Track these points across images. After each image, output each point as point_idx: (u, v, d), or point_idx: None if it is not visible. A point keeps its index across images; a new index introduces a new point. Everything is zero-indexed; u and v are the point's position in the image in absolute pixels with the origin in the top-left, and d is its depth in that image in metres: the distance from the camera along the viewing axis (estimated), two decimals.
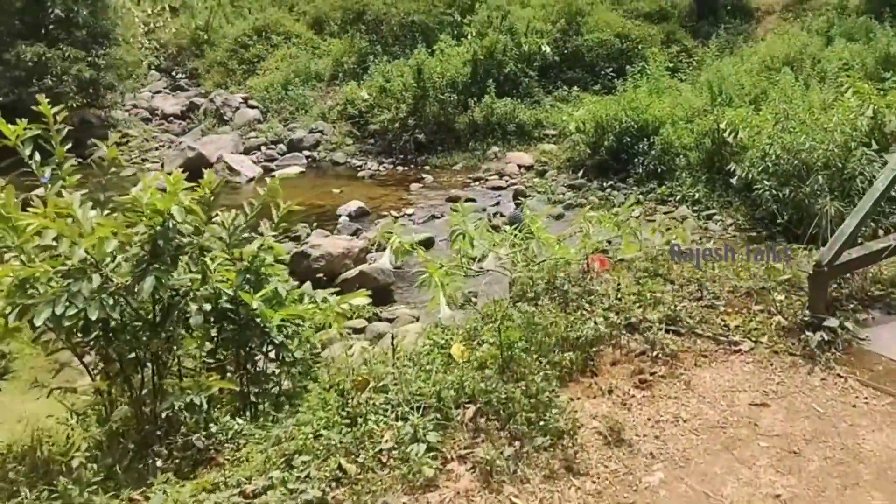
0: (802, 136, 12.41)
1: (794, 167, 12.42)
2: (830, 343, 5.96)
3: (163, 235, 5.25)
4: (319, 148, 22.02)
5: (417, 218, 16.26)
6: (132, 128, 23.77)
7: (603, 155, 17.71)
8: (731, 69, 18.61)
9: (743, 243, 14.02)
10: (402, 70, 21.99)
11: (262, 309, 5.60)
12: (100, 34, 22.98)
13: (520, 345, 5.56)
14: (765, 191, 12.85)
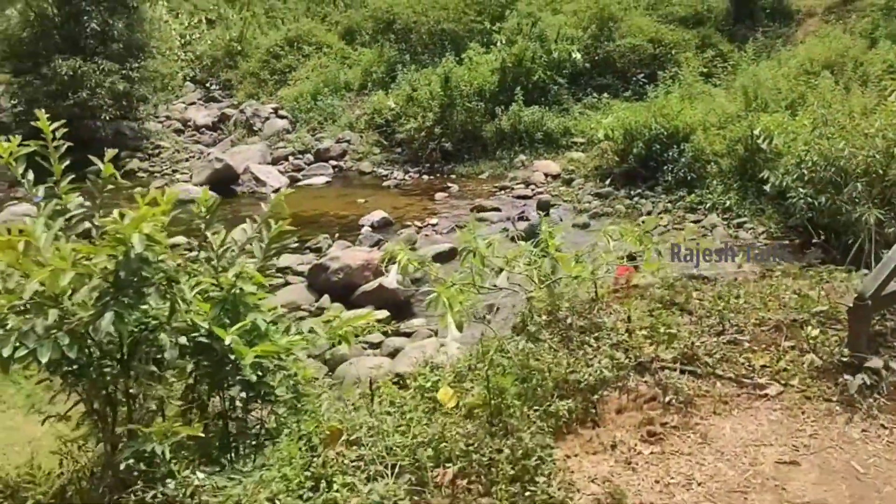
0: (841, 142, 11.81)
1: (831, 174, 11.88)
2: (873, 387, 5.12)
3: (124, 266, 4.75)
4: (346, 158, 21.81)
5: (441, 228, 15.92)
6: (164, 139, 23.84)
7: (631, 163, 17.22)
8: (767, 73, 17.96)
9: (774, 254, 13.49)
10: (429, 79, 21.65)
11: (236, 344, 5.00)
12: (135, 47, 23.28)
13: (512, 391, 5.00)
14: (799, 199, 12.29)
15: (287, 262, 13.83)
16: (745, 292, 6.58)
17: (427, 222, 16.23)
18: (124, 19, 22.60)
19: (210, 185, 18.82)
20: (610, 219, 15.90)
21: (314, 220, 16.90)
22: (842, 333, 5.60)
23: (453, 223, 16.01)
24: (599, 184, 17.61)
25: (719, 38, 25.56)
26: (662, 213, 15.80)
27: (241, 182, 19.50)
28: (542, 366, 5.33)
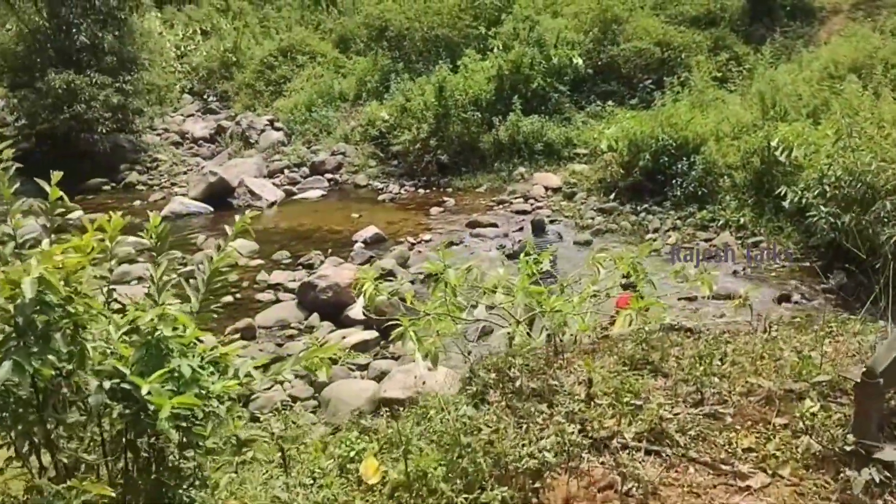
0: (869, 155, 10.69)
1: (857, 190, 10.75)
2: (884, 486, 3.85)
3: (20, 312, 3.96)
4: (342, 170, 20.86)
5: (435, 244, 14.89)
6: (162, 152, 23.19)
7: (637, 176, 16.11)
8: (786, 78, 16.78)
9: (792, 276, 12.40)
10: (423, 88, 20.61)
11: (154, 394, 4.12)
12: (127, 59, 22.65)
13: (438, 473, 4.02)
14: (821, 218, 11.21)
15: (278, 279, 13.29)
16: (734, 349, 5.41)
17: (420, 238, 15.25)
18: (114, 32, 22.03)
19: (206, 198, 18.22)
20: (614, 236, 14.88)
21: (308, 235, 16.09)
22: (848, 411, 4.37)
23: (447, 240, 14.99)
24: (603, 198, 16.54)
25: (734, 40, 24.40)
26: (671, 230, 14.70)
27: (237, 195, 18.72)
28: (479, 440, 4.26)
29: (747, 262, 13.06)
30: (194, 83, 31.24)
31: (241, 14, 36.53)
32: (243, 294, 12.73)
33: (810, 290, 11.87)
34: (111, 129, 21.44)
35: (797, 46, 21.90)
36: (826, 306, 11.32)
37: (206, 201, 18.20)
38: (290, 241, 15.60)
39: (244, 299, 12.51)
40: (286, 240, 15.67)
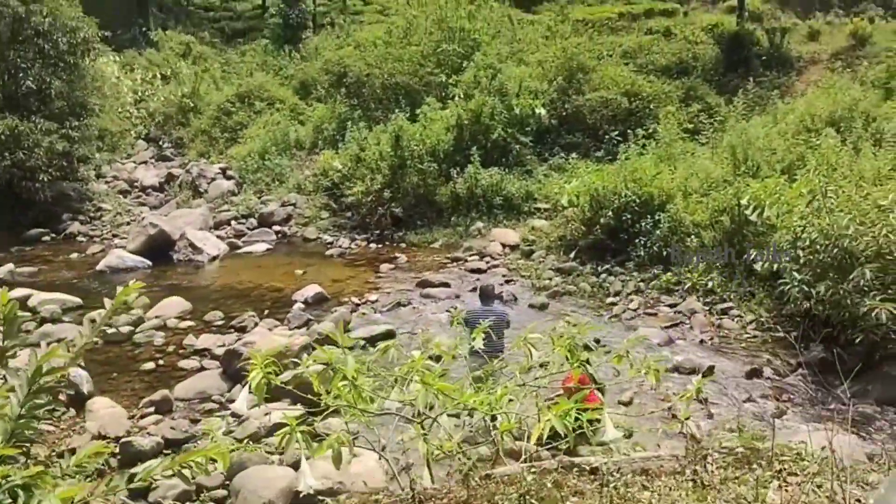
0: (846, 218, 9.65)
1: (833, 256, 9.70)
2: None
3: None
4: (291, 222, 19.76)
5: (381, 305, 13.75)
6: (106, 201, 22.01)
7: (598, 234, 15.06)
8: (759, 131, 15.88)
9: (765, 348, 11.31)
10: (378, 137, 19.57)
11: None
12: (77, 105, 21.63)
13: None
14: (792, 286, 10.16)
15: (206, 344, 12.00)
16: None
17: (366, 298, 14.05)
18: (63, 77, 21.01)
19: (145, 251, 17.17)
20: (572, 298, 13.76)
21: (247, 293, 14.88)
22: None
23: (395, 300, 13.87)
24: (563, 257, 15.46)
25: (707, 90, 23.72)
26: (633, 293, 13.59)
27: (178, 249, 17.53)
28: None
29: (715, 330, 11.97)
30: (150, 129, 30.06)
31: (202, 59, 35.66)
32: (167, 360, 11.48)
33: (784, 364, 10.77)
34: (55, 176, 20.39)
35: (772, 97, 21.02)
36: (800, 383, 10.26)
37: (146, 254, 17.02)
38: (227, 299, 14.39)
39: (167, 366, 11.26)
40: (223, 298, 14.46)
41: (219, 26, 43.33)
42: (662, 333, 11.83)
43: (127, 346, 11.99)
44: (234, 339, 11.90)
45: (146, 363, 11.27)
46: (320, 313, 13.22)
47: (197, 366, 11.19)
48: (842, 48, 23.95)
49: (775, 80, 23.33)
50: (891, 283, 9.25)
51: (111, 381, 10.63)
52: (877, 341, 9.46)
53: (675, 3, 42.11)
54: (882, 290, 9.23)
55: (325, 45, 31.06)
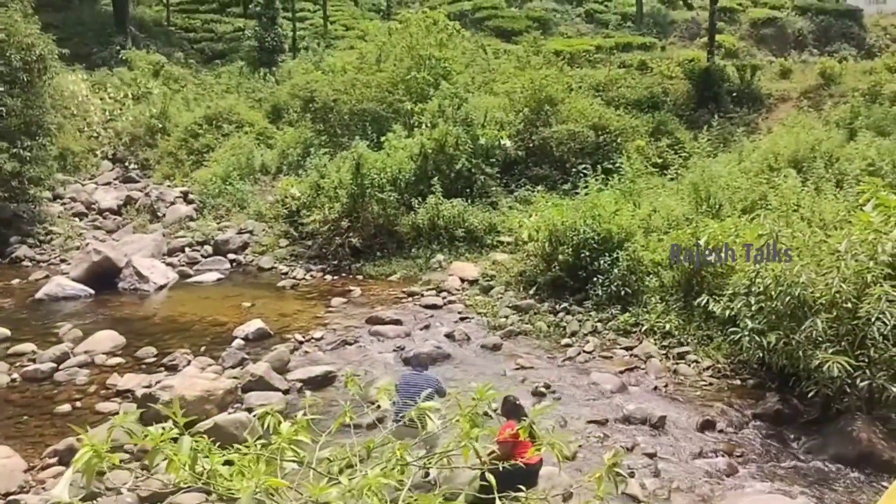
0: (798, 264, 9.21)
1: (786, 304, 9.25)
2: None
3: None
4: (247, 250, 19.24)
5: (326, 343, 13.18)
6: (57, 224, 21.20)
7: (556, 271, 14.58)
8: (721, 169, 15.53)
9: (721, 396, 10.85)
10: (339, 165, 19.06)
11: None
12: (32, 124, 20.91)
13: None
14: (743, 335, 9.73)
15: (131, 384, 11.26)
16: None
17: (310, 336, 13.47)
18: (17, 94, 20.36)
19: (89, 279, 16.50)
20: (528, 339, 13.29)
21: (187, 326, 14.26)
22: None
23: (341, 338, 13.32)
24: (522, 293, 14.98)
25: (677, 125, 23.48)
26: (590, 334, 13.13)
27: (123, 277, 16.83)
28: None
29: (671, 376, 11.51)
30: (118, 149, 29.42)
31: (175, 79, 35.16)
32: (86, 402, 10.80)
33: (739, 415, 10.29)
34: (2, 198, 19.77)
35: (738, 134, 20.71)
36: (755, 437, 9.80)
37: (89, 282, 16.37)
38: (166, 333, 13.77)
39: (84, 409, 10.57)
40: (162, 332, 13.84)
41: (199, 47, 42.97)
42: (616, 379, 11.35)
43: (46, 385, 11.38)
44: (163, 378, 11.29)
45: (62, 405, 10.63)
46: (260, 351, 12.65)
47: (116, 409, 10.53)
48: (811, 87, 23.85)
49: (745, 117, 23.14)
50: (845, 335, 8.81)
51: (20, 426, 10.02)
52: (830, 396, 9.00)
53: (653, 37, 42.17)
54: (835, 341, 8.80)
55: (298, 69, 30.69)
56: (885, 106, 18.88)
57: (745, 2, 45.61)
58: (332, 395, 11.19)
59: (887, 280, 8.74)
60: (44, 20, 38.88)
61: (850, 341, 8.81)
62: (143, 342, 13.04)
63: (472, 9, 48.91)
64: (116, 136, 29.71)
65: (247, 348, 12.82)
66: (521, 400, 10.71)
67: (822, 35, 40.37)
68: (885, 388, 8.51)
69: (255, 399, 10.39)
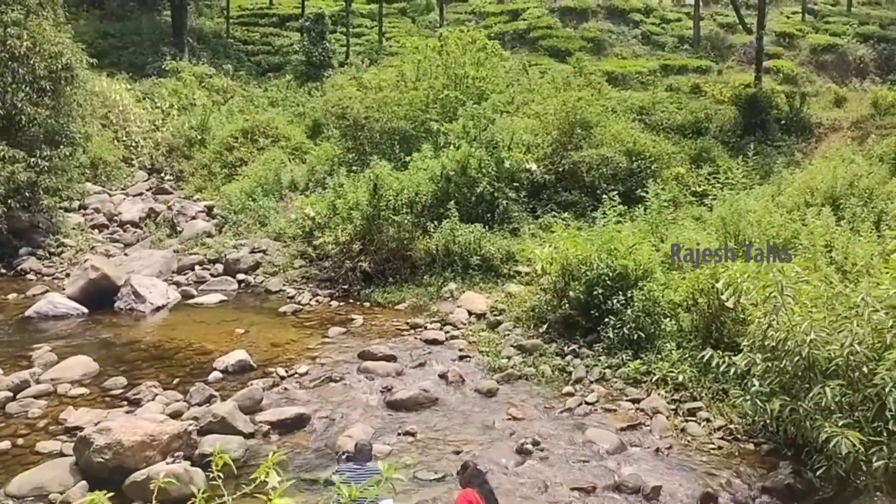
0: (807, 320, 8.00)
1: (795, 365, 8.05)
2: None
3: None
4: (258, 271, 18.49)
5: (309, 380, 12.26)
6: (71, 236, 20.73)
7: (567, 308, 13.51)
8: (753, 203, 14.27)
9: (730, 462, 9.66)
10: (356, 185, 18.23)
11: None
12: (54, 132, 20.56)
13: None
14: (745, 398, 8.57)
15: (81, 420, 10.41)
16: None
17: (294, 370, 12.57)
18: (40, 103, 19.95)
19: (85, 297, 15.91)
20: (528, 384, 12.20)
21: (170, 354, 13.51)
22: None
23: (326, 373, 12.43)
24: (531, 331, 13.91)
25: (719, 152, 22.25)
26: (596, 381, 11.99)
27: (121, 296, 16.17)
28: None
29: (677, 436, 10.33)
30: (156, 160, 29.10)
31: (222, 91, 34.90)
32: (29, 439, 9.98)
33: (746, 488, 9.11)
34: (14, 207, 19.22)
35: (777, 165, 19.35)
36: None
37: (84, 300, 15.80)
38: (145, 361, 13.03)
39: (24, 448, 9.77)
40: (141, 359, 13.10)
41: (256, 60, 42.85)
42: (614, 438, 10.23)
43: None
44: (123, 412, 10.53)
45: (2, 441, 9.86)
46: (237, 386, 11.79)
47: (57, 449, 9.72)
48: (863, 117, 22.45)
49: (793, 146, 21.78)
50: (860, 403, 7.61)
51: None
52: (842, 475, 7.78)
53: (710, 61, 40.91)
54: (849, 410, 7.61)
55: (333, 85, 30.15)
56: None
57: (805, 28, 44.13)
58: (301, 440, 10.30)
59: None
60: (102, 29, 39.72)
61: (865, 411, 7.61)
62: (117, 371, 12.34)
63: (527, 28, 48.21)
64: (155, 146, 29.41)
65: (224, 381, 12.02)
66: (505, 458, 9.85)
67: (885, 63, 38.85)
68: None
69: (210, 444, 9.52)
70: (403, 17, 53.01)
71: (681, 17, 50.69)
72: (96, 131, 25.74)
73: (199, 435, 9.99)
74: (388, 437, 10.37)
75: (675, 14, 51.80)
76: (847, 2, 52.10)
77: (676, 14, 51.85)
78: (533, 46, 45.81)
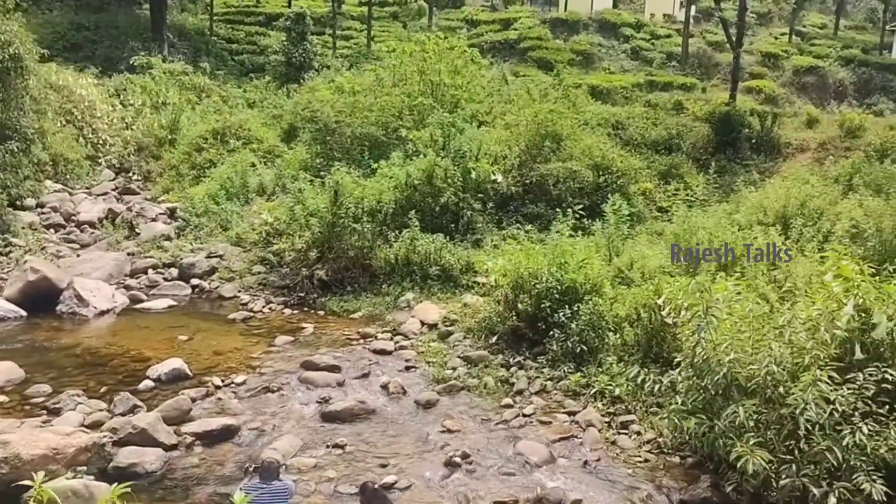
0: (725, 342, 7.84)
1: (715, 384, 7.89)
2: None
3: None
4: (214, 276, 18.13)
5: (245, 390, 12.00)
6: (20, 236, 19.89)
7: (515, 321, 13.33)
8: (704, 220, 14.17)
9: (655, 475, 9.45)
10: (317, 191, 17.99)
11: None
12: (4, 127, 19.91)
13: None
14: (663, 416, 8.40)
15: None
16: None
17: (231, 380, 12.29)
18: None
19: (24, 299, 15.42)
20: (470, 395, 12.01)
21: (105, 361, 13.13)
22: None
23: (264, 384, 12.16)
24: (481, 342, 13.74)
25: (688, 169, 22.15)
26: (537, 393, 11.84)
27: (63, 299, 15.80)
28: None
29: (606, 449, 10.15)
30: (125, 159, 28.64)
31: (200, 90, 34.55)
32: None
33: (666, 500, 8.94)
34: None
35: (737, 183, 19.30)
36: None
37: (24, 303, 15.37)
38: (77, 368, 12.65)
39: None
40: (73, 366, 12.72)
41: (240, 59, 42.56)
42: (544, 450, 10.08)
43: None
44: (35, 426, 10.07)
45: None
46: (169, 394, 11.51)
47: None
48: (829, 138, 22.52)
49: (761, 165, 21.72)
50: (773, 423, 7.44)
51: None
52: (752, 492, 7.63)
53: (695, 78, 40.97)
54: (763, 430, 7.45)
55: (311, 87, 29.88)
56: (888, 163, 17.35)
57: (791, 49, 44.32)
58: (226, 452, 10.04)
59: (831, 364, 7.41)
60: (77, 21, 39.19)
61: (779, 430, 7.44)
62: (45, 377, 11.98)
63: (518, 38, 48.22)
64: (124, 144, 28.92)
65: (156, 391, 11.75)
66: (431, 472, 9.63)
67: (863, 87, 39.29)
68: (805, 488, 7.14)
69: (125, 457, 9.25)
70: (395, 22, 53.01)
71: (671, 34, 50.79)
72: (59, 127, 25.27)
73: (117, 447, 9.70)
74: (317, 450, 10.16)
75: (665, 31, 51.91)
76: (834, 25, 52.37)
77: (667, 31, 51.95)
78: (523, 57, 45.89)
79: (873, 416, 7.43)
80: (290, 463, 9.64)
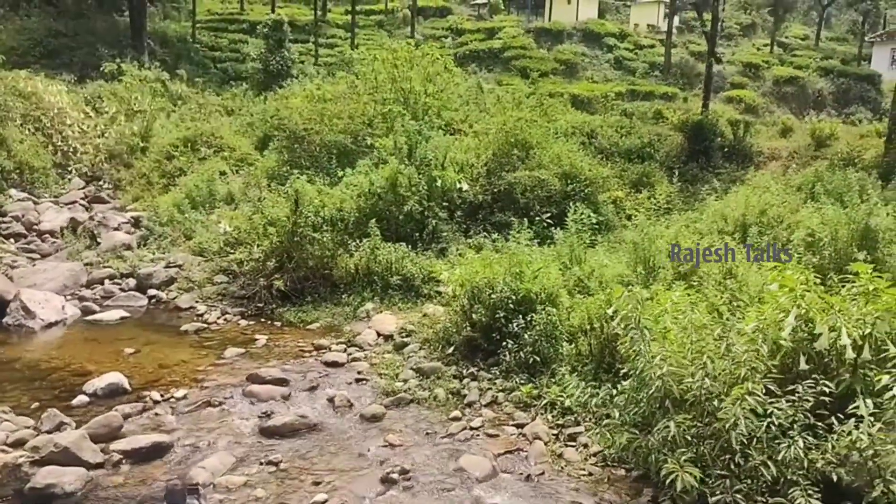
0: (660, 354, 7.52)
1: (650, 397, 7.56)
2: None
3: None
4: (173, 286, 17.71)
5: (185, 405, 11.54)
6: None
7: (469, 331, 12.97)
8: (662, 230, 13.88)
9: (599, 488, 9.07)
10: (276, 200, 17.64)
11: None
12: None
13: None
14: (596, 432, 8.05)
15: None
16: None
17: (171, 394, 11.86)
18: None
19: None
20: (418, 408, 11.63)
21: (44, 375, 12.63)
22: None
23: (205, 398, 11.74)
24: (436, 353, 13.35)
25: (660, 177, 21.89)
26: (488, 405, 11.47)
27: (10, 311, 15.36)
28: None
29: (552, 462, 9.78)
30: (97, 167, 28.19)
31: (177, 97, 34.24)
32: None
33: None
34: None
35: (701, 192, 19.08)
36: None
37: None
38: (14, 382, 12.14)
39: None
40: (8, 380, 12.21)
41: (223, 66, 42.34)
42: (487, 465, 9.70)
43: None
44: None
45: None
46: (104, 410, 11.03)
47: None
48: (800, 147, 22.38)
49: (732, 174, 21.51)
50: (708, 436, 7.10)
51: None
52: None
53: (677, 88, 40.92)
54: (696, 445, 7.10)
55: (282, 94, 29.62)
56: (850, 171, 17.15)
57: (772, 59, 44.41)
58: (153, 471, 9.61)
59: (771, 376, 7.09)
60: (55, 28, 38.86)
61: (713, 445, 7.10)
62: None
63: (502, 47, 48.18)
64: (95, 152, 28.49)
65: (90, 406, 11.31)
66: (367, 489, 9.24)
67: (842, 97, 39.63)
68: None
69: (43, 477, 8.84)
70: (381, 30, 52.92)
71: (654, 44, 50.87)
72: (26, 135, 24.95)
73: (37, 466, 9.28)
74: (249, 468, 9.73)
75: (649, 41, 52.01)
76: (816, 36, 52.46)
77: (650, 41, 52.02)
78: (506, 66, 45.94)
79: (812, 429, 7.13)
80: (219, 482, 9.21)
